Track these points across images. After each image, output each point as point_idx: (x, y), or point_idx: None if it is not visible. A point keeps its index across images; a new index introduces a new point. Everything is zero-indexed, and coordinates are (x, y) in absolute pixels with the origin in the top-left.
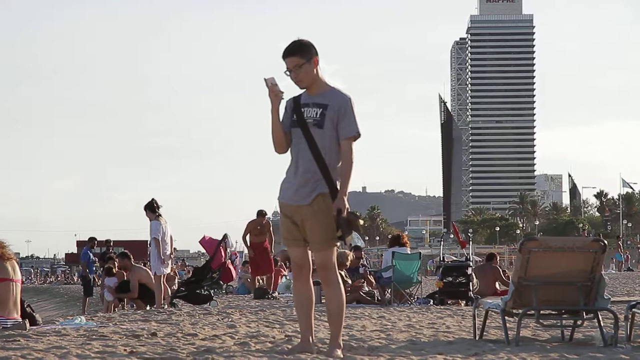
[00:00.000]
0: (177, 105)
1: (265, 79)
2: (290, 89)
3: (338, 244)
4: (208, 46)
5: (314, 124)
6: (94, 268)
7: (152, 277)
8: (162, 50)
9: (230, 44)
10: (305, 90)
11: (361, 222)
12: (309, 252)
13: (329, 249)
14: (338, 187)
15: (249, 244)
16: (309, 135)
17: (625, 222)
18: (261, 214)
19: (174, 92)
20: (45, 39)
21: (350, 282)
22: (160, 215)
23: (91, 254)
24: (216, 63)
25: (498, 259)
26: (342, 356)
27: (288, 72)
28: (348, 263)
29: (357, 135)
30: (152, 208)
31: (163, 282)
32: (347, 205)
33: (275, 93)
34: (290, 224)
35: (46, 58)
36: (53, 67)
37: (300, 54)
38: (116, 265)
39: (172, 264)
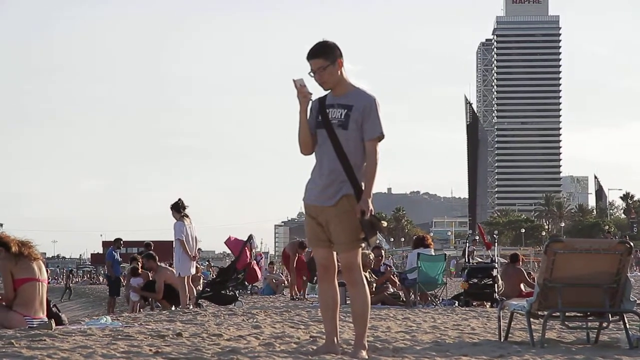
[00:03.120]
0: (205, 105)
1: (294, 80)
2: (314, 90)
3: (362, 245)
4: (233, 48)
5: (339, 125)
6: (119, 268)
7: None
8: (188, 51)
9: (256, 45)
10: (330, 91)
11: (384, 223)
12: (334, 253)
13: (353, 250)
14: (363, 188)
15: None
16: (334, 136)
17: None
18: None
19: (202, 93)
20: (75, 37)
21: (374, 283)
22: (185, 215)
23: (116, 254)
24: (243, 64)
25: (521, 260)
26: (366, 357)
27: (312, 74)
28: (371, 264)
29: (381, 136)
30: (177, 208)
31: (188, 282)
32: (370, 207)
33: (304, 94)
34: (315, 224)
35: (74, 57)
36: (82, 67)
37: (324, 56)
38: (142, 266)
39: (196, 265)
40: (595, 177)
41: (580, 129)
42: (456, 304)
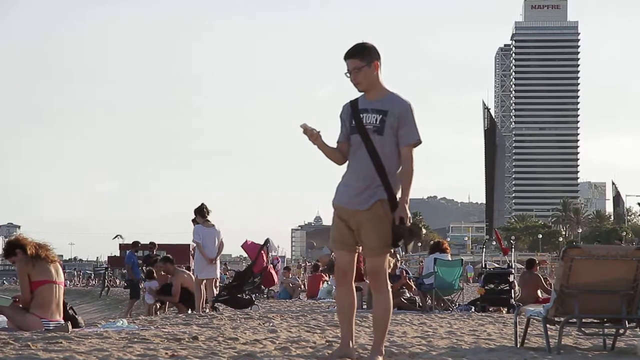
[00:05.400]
0: (222, 108)
1: (300, 127)
2: (350, 92)
3: (392, 250)
4: (250, 51)
5: (374, 131)
6: (139, 271)
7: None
8: (204, 53)
9: (275, 49)
10: (363, 94)
11: (424, 231)
12: (355, 258)
13: (382, 256)
14: (396, 193)
15: None
16: (369, 141)
17: None
18: None
19: (219, 96)
20: (88, 38)
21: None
22: (207, 220)
23: (135, 257)
24: (261, 67)
25: (538, 266)
26: None
27: (348, 74)
28: (390, 270)
29: (417, 142)
30: (202, 213)
31: (210, 286)
32: (409, 214)
33: (313, 136)
34: (344, 227)
35: (88, 58)
36: (96, 68)
37: (360, 57)
38: (160, 269)
39: (218, 269)
40: (613, 183)
41: (598, 134)
42: (472, 310)
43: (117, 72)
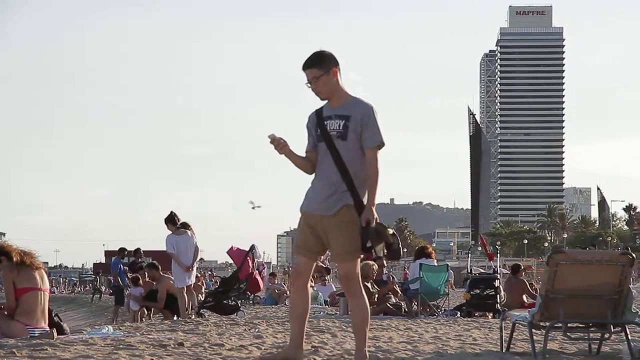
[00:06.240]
0: (209, 114)
1: (268, 137)
2: (313, 102)
3: (362, 255)
4: (240, 56)
5: (338, 136)
6: (125, 278)
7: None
8: (195, 58)
9: (263, 53)
10: (327, 102)
11: (390, 231)
12: (314, 265)
13: (352, 261)
14: (363, 198)
15: None
16: (333, 148)
17: None
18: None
19: (207, 101)
20: (83, 45)
21: (377, 293)
22: (186, 225)
23: (121, 264)
24: (250, 71)
25: (524, 271)
26: None
27: (308, 84)
28: (374, 274)
29: (381, 145)
30: (173, 221)
31: (188, 291)
32: (375, 216)
33: (279, 145)
34: (309, 234)
35: (83, 65)
36: (89, 74)
37: (318, 66)
38: (145, 275)
39: (196, 274)
40: (598, 189)
41: (584, 140)
42: (458, 315)
43: (109, 79)
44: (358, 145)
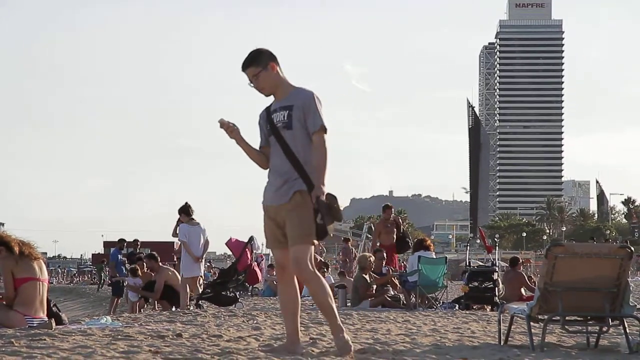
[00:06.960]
0: (207, 106)
1: (218, 122)
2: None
3: (316, 242)
4: (234, 48)
5: (284, 127)
6: (123, 269)
7: (179, 278)
8: (190, 51)
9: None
10: (274, 97)
11: (342, 204)
12: None
13: (303, 244)
14: (315, 183)
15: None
16: (281, 138)
17: None
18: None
19: (204, 94)
20: (78, 38)
21: (374, 284)
22: (192, 219)
23: (120, 256)
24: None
25: (522, 264)
26: (348, 338)
27: (251, 84)
28: (371, 266)
29: (322, 127)
30: (187, 211)
31: (194, 284)
32: (324, 192)
33: (229, 129)
34: (273, 226)
35: (77, 58)
36: (85, 67)
37: (255, 64)
38: (144, 266)
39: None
40: (597, 182)
41: (583, 133)
42: (456, 307)
43: (106, 72)
44: (305, 133)
